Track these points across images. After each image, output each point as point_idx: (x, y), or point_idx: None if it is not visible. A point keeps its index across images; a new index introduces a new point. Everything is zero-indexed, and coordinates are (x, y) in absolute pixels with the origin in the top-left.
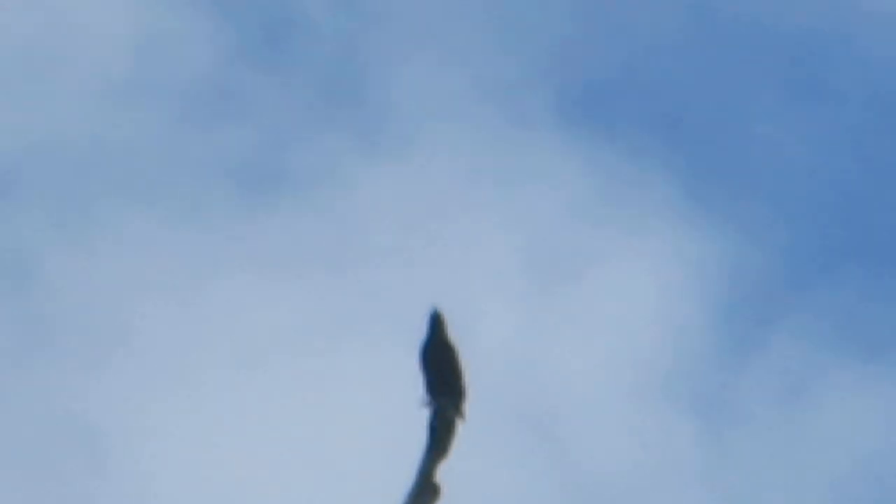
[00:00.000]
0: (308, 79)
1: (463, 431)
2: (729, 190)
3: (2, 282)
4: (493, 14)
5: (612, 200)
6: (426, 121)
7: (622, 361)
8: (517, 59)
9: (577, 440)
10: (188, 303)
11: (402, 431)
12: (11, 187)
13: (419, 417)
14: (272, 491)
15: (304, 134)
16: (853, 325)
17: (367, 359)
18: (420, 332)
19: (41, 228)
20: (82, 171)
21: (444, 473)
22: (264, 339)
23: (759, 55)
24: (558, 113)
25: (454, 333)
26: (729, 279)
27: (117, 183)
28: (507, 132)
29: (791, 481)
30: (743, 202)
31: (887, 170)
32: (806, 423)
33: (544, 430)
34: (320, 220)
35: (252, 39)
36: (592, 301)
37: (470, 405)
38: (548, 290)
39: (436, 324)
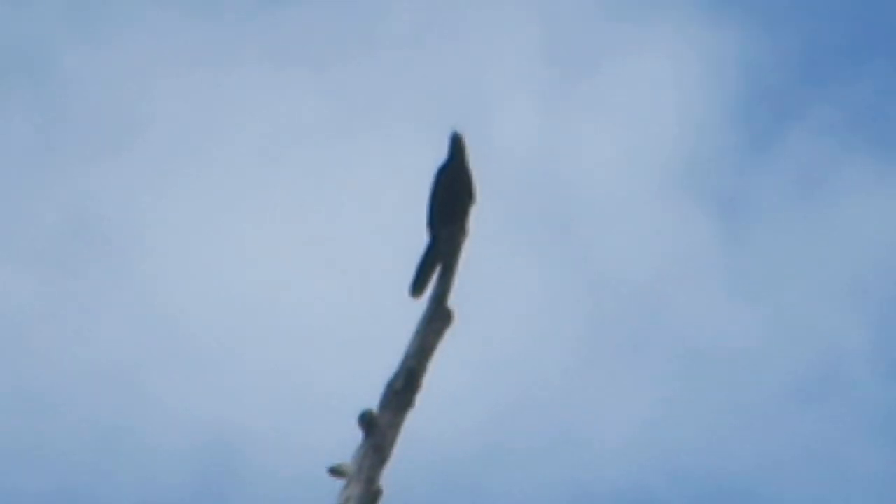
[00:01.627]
0: None
1: (483, 234)
2: None
3: (18, 75)
4: None
5: None
6: None
7: (640, 156)
8: None
9: (597, 238)
10: (204, 95)
11: (418, 226)
12: None
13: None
14: (285, 287)
15: None
16: (870, 120)
17: (382, 149)
18: (436, 125)
19: (58, 21)
20: None
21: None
22: (280, 131)
23: None
24: None
25: (472, 158)
26: (747, 73)
27: None
28: None
29: (809, 276)
30: None
31: None
32: (823, 219)
33: (563, 227)
34: (337, 9)
35: None
36: (611, 94)
37: (489, 206)
38: (566, 82)
39: (455, 147)
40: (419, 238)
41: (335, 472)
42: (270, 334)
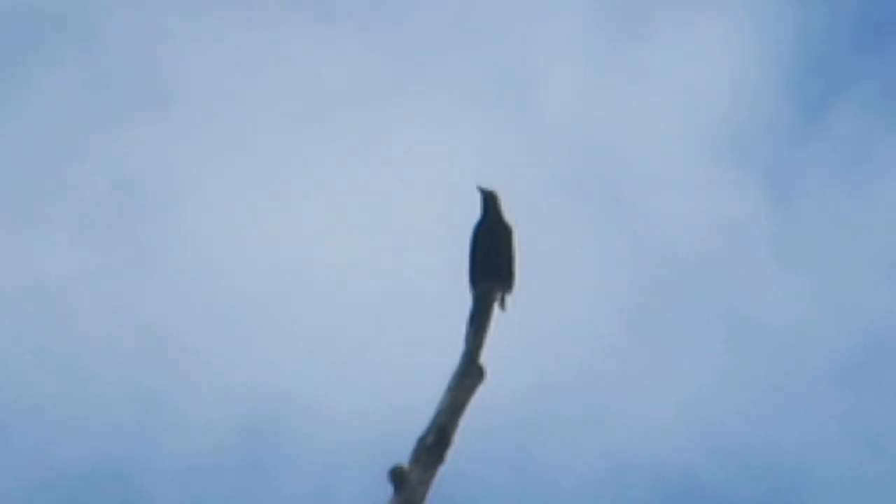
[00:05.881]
0: None
1: (530, 199)
2: None
3: (62, 40)
4: None
5: None
6: None
7: (691, 123)
8: None
9: (645, 206)
10: (247, 56)
11: (459, 189)
12: None
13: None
14: (327, 251)
15: None
16: None
17: (429, 112)
18: (485, 89)
19: None
20: None
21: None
22: (324, 91)
23: None
24: None
25: (508, 213)
26: (802, 43)
27: None
28: None
29: (857, 249)
30: None
31: None
32: (873, 191)
33: (611, 194)
34: None
35: None
36: (663, 60)
37: (536, 171)
38: (617, 47)
39: (490, 203)
40: (460, 204)
41: None
42: (312, 300)
